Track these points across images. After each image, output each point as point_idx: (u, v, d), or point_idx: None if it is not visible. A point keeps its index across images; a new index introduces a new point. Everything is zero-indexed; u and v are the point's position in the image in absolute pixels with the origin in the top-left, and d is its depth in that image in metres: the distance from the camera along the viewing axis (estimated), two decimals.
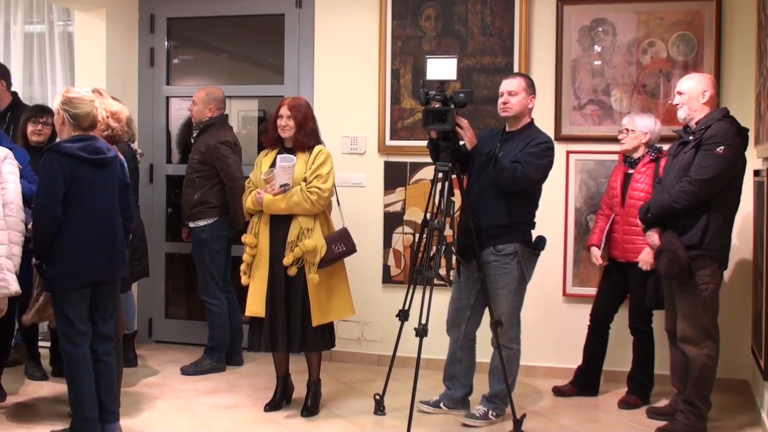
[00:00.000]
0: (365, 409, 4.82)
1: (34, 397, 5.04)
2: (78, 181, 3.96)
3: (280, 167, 4.53)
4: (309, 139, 4.68)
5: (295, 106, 4.68)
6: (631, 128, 4.93)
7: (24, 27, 6.68)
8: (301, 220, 4.58)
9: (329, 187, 4.62)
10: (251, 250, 4.68)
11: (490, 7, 5.65)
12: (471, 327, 4.72)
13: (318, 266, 4.57)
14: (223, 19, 6.44)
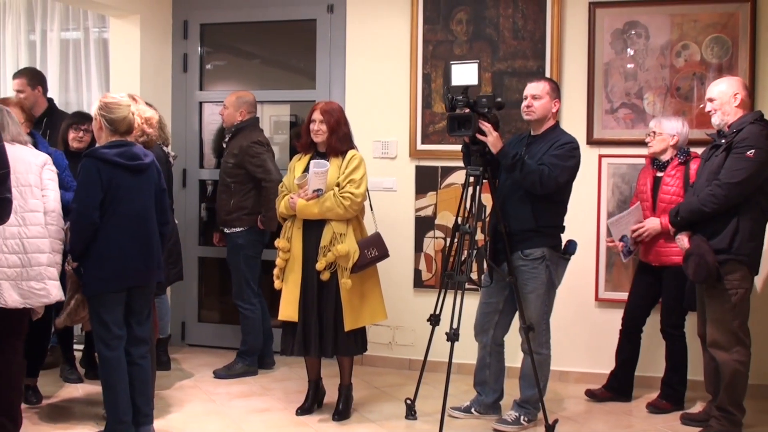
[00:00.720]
0: (396, 414, 4.82)
1: (70, 399, 5.10)
2: (115, 186, 4.01)
3: (313, 173, 4.54)
4: (342, 144, 4.69)
5: (327, 111, 4.70)
6: (658, 131, 4.90)
7: (60, 34, 6.77)
8: (334, 224, 4.59)
9: (362, 192, 4.62)
10: (284, 255, 4.70)
11: (521, 11, 5.63)
12: (499, 332, 4.70)
13: (350, 271, 4.57)
14: (256, 24, 6.49)
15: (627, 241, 4.98)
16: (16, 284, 3.86)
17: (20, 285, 3.88)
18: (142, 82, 6.11)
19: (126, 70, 6.17)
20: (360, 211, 4.75)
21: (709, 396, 4.64)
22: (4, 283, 3.83)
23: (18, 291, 3.86)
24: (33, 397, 4.90)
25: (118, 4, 5.89)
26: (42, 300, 3.96)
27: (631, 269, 5.33)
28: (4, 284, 3.83)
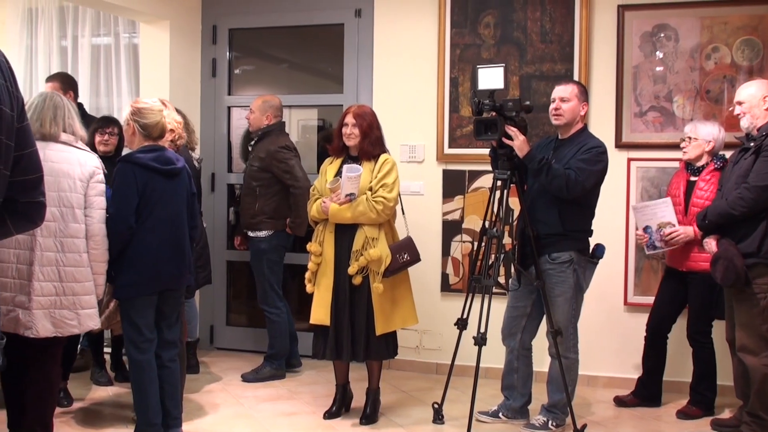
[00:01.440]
0: (424, 418, 4.82)
1: (100, 402, 5.15)
2: (150, 190, 4.04)
3: (346, 177, 4.54)
4: (374, 148, 4.69)
5: (360, 114, 4.70)
6: (693, 136, 4.84)
7: (91, 39, 6.84)
8: (366, 229, 4.59)
9: (395, 197, 4.62)
10: (316, 259, 4.71)
11: (549, 14, 5.61)
12: (527, 336, 4.69)
13: (382, 275, 4.57)
14: (284, 29, 6.52)
15: (651, 233, 4.90)
16: (48, 313, 3.72)
17: (53, 313, 3.74)
18: (172, 87, 6.16)
19: (156, 75, 6.23)
20: (392, 216, 4.76)
21: (739, 401, 4.59)
22: (38, 313, 3.70)
23: (50, 319, 3.73)
24: (64, 400, 4.95)
25: (148, 9, 5.95)
26: (72, 330, 3.85)
27: (661, 273, 5.29)
28: (38, 314, 3.70)
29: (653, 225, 4.88)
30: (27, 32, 6.94)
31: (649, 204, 4.98)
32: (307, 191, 5.36)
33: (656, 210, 4.90)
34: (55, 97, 3.95)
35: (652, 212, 4.91)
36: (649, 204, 4.98)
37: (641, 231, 4.95)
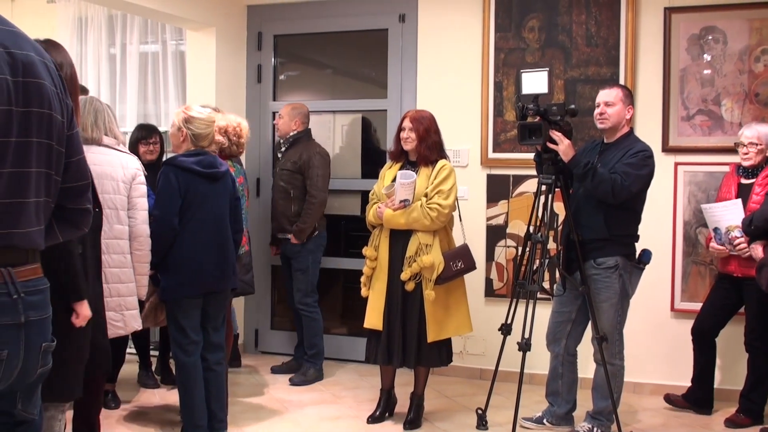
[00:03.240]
0: (468, 424, 4.80)
1: (146, 404, 5.21)
2: (193, 193, 4.10)
3: (399, 183, 4.54)
4: (431, 153, 4.67)
5: (417, 119, 4.70)
6: (756, 142, 4.73)
7: (139, 47, 6.94)
8: (420, 235, 4.58)
9: (450, 204, 4.59)
10: (371, 263, 4.72)
11: (594, 17, 5.57)
12: (572, 342, 4.64)
13: (435, 283, 4.56)
14: (328, 35, 6.56)
15: (720, 235, 4.80)
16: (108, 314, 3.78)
17: None
18: (218, 93, 6.23)
19: (202, 82, 6.30)
20: (449, 222, 4.74)
21: None
22: None
23: None
24: (112, 402, 5.02)
25: (194, 17, 6.02)
26: (118, 331, 3.93)
27: (708, 279, 5.22)
28: None
29: (722, 227, 4.79)
30: (77, 40, 7.06)
31: (718, 205, 4.87)
32: (322, 204, 5.46)
33: (725, 212, 4.79)
34: (95, 101, 4.03)
35: (721, 214, 4.80)
36: (718, 205, 4.87)
37: (711, 231, 4.85)
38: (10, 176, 1.87)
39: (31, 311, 1.93)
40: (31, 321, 1.93)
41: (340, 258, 6.32)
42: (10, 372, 1.88)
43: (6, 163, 1.86)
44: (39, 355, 1.98)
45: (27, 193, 1.93)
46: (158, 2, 5.65)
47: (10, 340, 1.87)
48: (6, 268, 1.88)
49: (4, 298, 1.86)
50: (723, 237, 4.77)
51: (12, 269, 1.90)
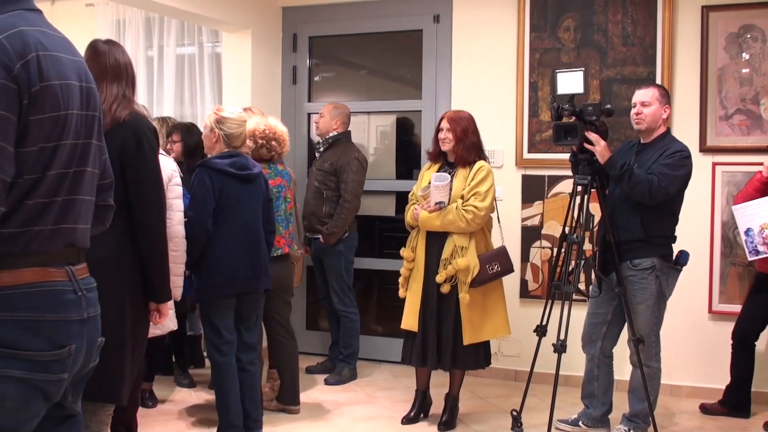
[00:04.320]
0: (502, 425, 4.79)
1: (183, 403, 5.26)
2: (226, 195, 4.13)
3: (433, 186, 4.54)
4: (469, 154, 4.66)
5: (454, 119, 4.69)
6: None
7: (176, 49, 7.01)
8: (455, 237, 4.57)
9: (486, 206, 4.56)
10: (408, 264, 4.73)
11: (631, 16, 5.52)
12: (607, 343, 4.61)
13: (470, 285, 4.55)
14: (363, 36, 6.58)
15: (752, 236, 4.69)
16: None
17: None
18: (253, 95, 6.27)
19: (238, 83, 6.35)
20: (487, 224, 4.72)
21: None
22: None
23: None
24: (149, 401, 5.08)
25: (230, 19, 6.07)
26: (155, 331, 3.90)
27: (747, 280, 5.15)
28: None
29: (755, 227, 4.70)
30: None
31: (750, 203, 4.75)
32: (355, 209, 5.46)
33: (758, 209, 4.66)
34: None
35: (754, 212, 4.68)
36: (750, 203, 4.75)
37: (743, 233, 4.70)
38: (73, 175, 1.95)
39: (90, 308, 2.00)
40: (90, 317, 2.00)
41: (374, 259, 6.33)
42: (76, 365, 1.96)
43: (74, 163, 1.94)
44: (95, 350, 2.07)
45: (84, 192, 2.02)
46: (195, 5, 5.70)
47: (77, 335, 1.94)
48: (69, 267, 1.95)
49: (71, 295, 1.94)
50: (756, 237, 4.69)
51: (73, 267, 1.97)
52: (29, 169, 1.82)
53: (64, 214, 1.94)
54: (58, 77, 1.86)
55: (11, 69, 1.74)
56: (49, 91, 1.83)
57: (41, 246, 1.87)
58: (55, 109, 1.84)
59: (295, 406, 4.98)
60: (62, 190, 1.92)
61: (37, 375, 1.84)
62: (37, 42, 1.83)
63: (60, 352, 1.88)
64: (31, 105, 1.78)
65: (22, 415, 1.84)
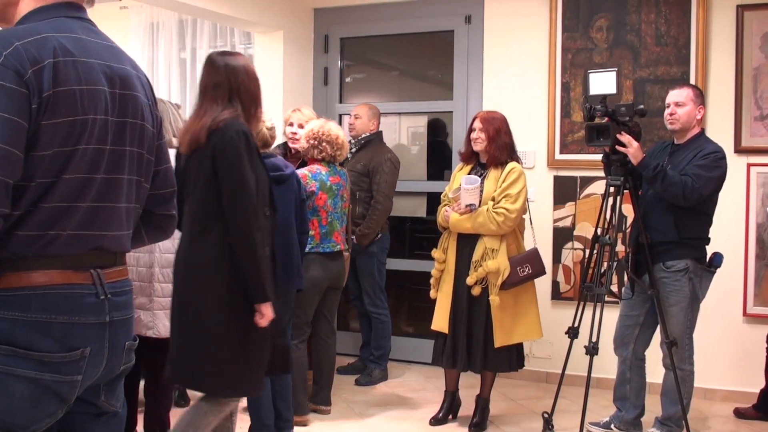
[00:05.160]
0: (533, 427, 4.77)
1: None
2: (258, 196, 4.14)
3: (463, 189, 4.54)
4: (501, 154, 4.64)
5: (487, 119, 4.68)
6: None
7: (209, 51, 7.03)
8: (486, 240, 4.56)
9: (518, 208, 4.55)
10: (439, 265, 4.73)
11: (664, 16, 5.48)
12: (640, 346, 4.57)
13: (501, 288, 4.54)
14: (394, 37, 6.58)
15: None
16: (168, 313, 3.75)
17: None
18: (285, 96, 6.30)
19: (270, 85, 6.37)
20: (519, 225, 4.70)
21: None
22: (160, 313, 3.87)
23: None
24: (182, 400, 5.11)
25: (262, 20, 6.10)
26: None
27: None
28: (160, 314, 3.87)
29: None
30: (148, 45, 7.21)
31: None
32: (387, 211, 5.45)
33: None
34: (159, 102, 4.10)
35: None
36: None
37: None
38: (103, 182, 1.96)
39: (115, 311, 2.00)
40: (115, 320, 2.00)
41: (405, 260, 6.33)
42: (94, 369, 1.96)
43: (100, 169, 1.94)
44: (123, 353, 2.06)
45: (118, 199, 2.02)
46: (227, 7, 5.74)
47: (94, 338, 1.94)
48: (95, 270, 1.96)
49: (91, 299, 1.94)
50: None
51: (101, 271, 1.97)
52: (43, 173, 1.83)
53: (90, 221, 1.94)
54: (79, 82, 1.87)
55: (23, 74, 1.77)
56: (65, 95, 1.84)
57: (60, 250, 1.88)
58: (72, 113, 1.85)
59: (326, 406, 5.00)
60: (87, 195, 1.92)
61: (47, 375, 1.85)
62: (60, 47, 1.85)
63: (71, 354, 1.89)
64: (42, 109, 1.80)
65: (33, 413, 1.86)
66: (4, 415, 1.82)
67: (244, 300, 3.25)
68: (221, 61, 3.37)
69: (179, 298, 3.30)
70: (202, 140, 3.24)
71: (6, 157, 1.74)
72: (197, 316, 3.23)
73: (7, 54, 1.77)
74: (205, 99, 3.36)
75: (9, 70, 1.76)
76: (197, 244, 3.25)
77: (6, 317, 1.82)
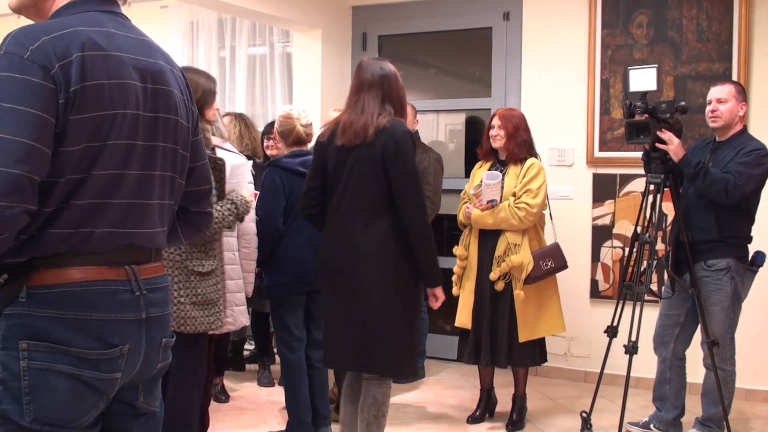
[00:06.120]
0: (572, 427, 4.73)
1: (254, 399, 5.32)
2: (296, 194, 4.15)
3: (485, 185, 4.55)
4: (520, 151, 4.65)
5: (506, 116, 4.69)
6: None
7: (247, 50, 7.11)
8: (508, 235, 4.57)
9: (538, 203, 4.56)
10: (461, 262, 4.73)
11: (706, 12, 5.40)
12: (680, 346, 4.51)
13: (524, 282, 4.54)
14: (432, 34, 6.57)
15: None
16: None
17: None
18: (323, 94, 6.32)
19: (308, 83, 6.40)
20: (539, 221, 4.70)
21: None
22: None
23: None
24: (222, 395, 5.16)
25: (301, 19, 6.13)
26: (228, 327, 3.99)
27: None
28: None
29: None
30: (188, 44, 7.28)
31: None
32: (436, 211, 5.43)
33: None
34: None
35: None
36: None
37: None
38: (135, 178, 1.94)
39: (152, 308, 1.99)
40: (152, 317, 1.99)
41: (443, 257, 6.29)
42: (131, 366, 1.96)
43: (132, 165, 1.93)
44: (159, 350, 2.05)
45: (151, 195, 2.00)
46: (266, 5, 5.77)
47: (132, 335, 1.94)
48: (130, 266, 1.95)
49: (126, 295, 1.93)
50: None
51: (136, 267, 1.96)
52: (73, 169, 1.81)
53: (123, 218, 1.92)
54: (108, 77, 1.85)
55: (49, 69, 1.76)
56: (93, 90, 1.82)
57: (93, 247, 1.87)
58: (101, 108, 1.83)
59: None
60: (119, 192, 1.90)
61: (88, 372, 1.85)
62: (88, 42, 1.84)
63: (110, 352, 1.88)
64: (69, 104, 1.78)
65: (76, 408, 1.86)
66: (48, 411, 1.82)
67: (408, 285, 3.53)
68: (376, 66, 3.64)
69: (352, 284, 3.50)
70: (370, 138, 3.47)
71: (31, 153, 1.72)
72: (370, 302, 3.46)
73: (34, 49, 1.76)
74: (359, 98, 3.62)
75: (35, 65, 1.75)
76: (369, 233, 3.47)
77: (43, 315, 1.81)
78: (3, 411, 1.80)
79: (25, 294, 1.81)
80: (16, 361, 1.80)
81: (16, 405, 1.80)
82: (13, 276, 1.82)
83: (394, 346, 3.49)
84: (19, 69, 1.74)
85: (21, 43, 1.77)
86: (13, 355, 1.80)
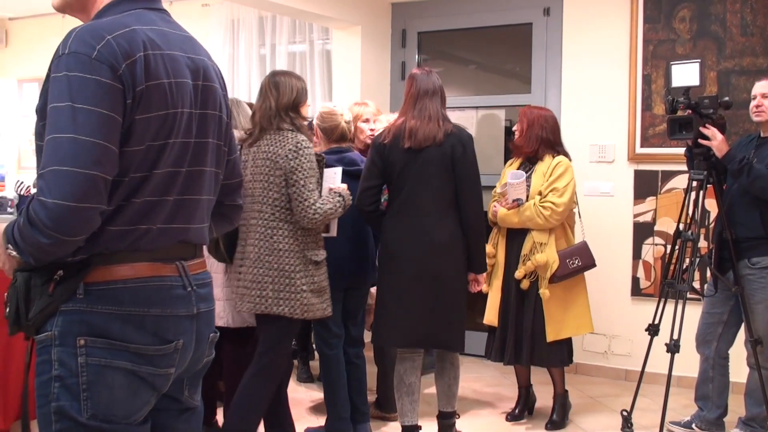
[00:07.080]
0: (612, 425, 4.69)
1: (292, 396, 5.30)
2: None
3: (509, 184, 4.54)
4: (529, 145, 4.64)
5: (524, 112, 4.73)
6: None
7: (287, 47, 7.14)
8: (534, 234, 4.54)
9: (565, 202, 4.52)
10: (490, 260, 4.71)
11: (750, 5, 5.32)
12: (723, 344, 4.45)
13: (550, 281, 4.51)
14: (472, 30, 6.54)
15: None
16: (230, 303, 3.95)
17: None
18: (363, 91, 6.32)
19: (348, 80, 6.42)
20: (569, 219, 4.67)
21: None
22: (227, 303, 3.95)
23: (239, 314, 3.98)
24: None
25: (341, 16, 6.14)
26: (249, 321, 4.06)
27: None
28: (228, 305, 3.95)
29: None
30: (229, 42, 7.34)
31: None
32: None
33: None
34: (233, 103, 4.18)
35: None
36: None
37: None
38: (187, 175, 1.96)
39: (201, 303, 2.01)
40: (201, 312, 2.01)
41: None
42: (184, 360, 1.98)
43: (185, 162, 1.95)
44: (207, 345, 2.08)
45: (200, 191, 2.02)
46: (306, 2, 5.79)
47: (185, 331, 1.96)
48: (180, 262, 1.97)
49: (179, 291, 1.95)
50: None
51: (185, 263, 1.98)
52: (136, 168, 1.83)
53: (176, 214, 1.95)
54: (168, 76, 1.87)
55: (117, 69, 1.76)
56: (157, 89, 1.84)
57: (149, 244, 1.89)
58: (163, 107, 1.85)
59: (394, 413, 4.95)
60: (174, 189, 1.93)
61: (144, 368, 1.87)
62: (148, 41, 1.85)
63: (166, 347, 1.90)
64: (136, 104, 1.79)
65: (131, 403, 1.88)
66: (105, 407, 1.83)
67: (466, 273, 4.02)
68: (433, 76, 4.03)
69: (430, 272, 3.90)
70: (439, 140, 3.89)
71: (105, 154, 1.74)
72: (450, 287, 3.95)
73: (101, 48, 1.76)
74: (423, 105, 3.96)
75: (103, 65, 1.75)
76: (441, 226, 3.91)
77: (100, 311, 1.83)
78: (61, 407, 1.82)
79: (82, 290, 1.83)
80: (74, 357, 1.81)
81: (74, 401, 1.81)
82: (68, 273, 1.83)
83: (462, 325, 4.03)
84: (89, 69, 1.75)
85: (87, 42, 1.77)
86: (71, 352, 1.81)
